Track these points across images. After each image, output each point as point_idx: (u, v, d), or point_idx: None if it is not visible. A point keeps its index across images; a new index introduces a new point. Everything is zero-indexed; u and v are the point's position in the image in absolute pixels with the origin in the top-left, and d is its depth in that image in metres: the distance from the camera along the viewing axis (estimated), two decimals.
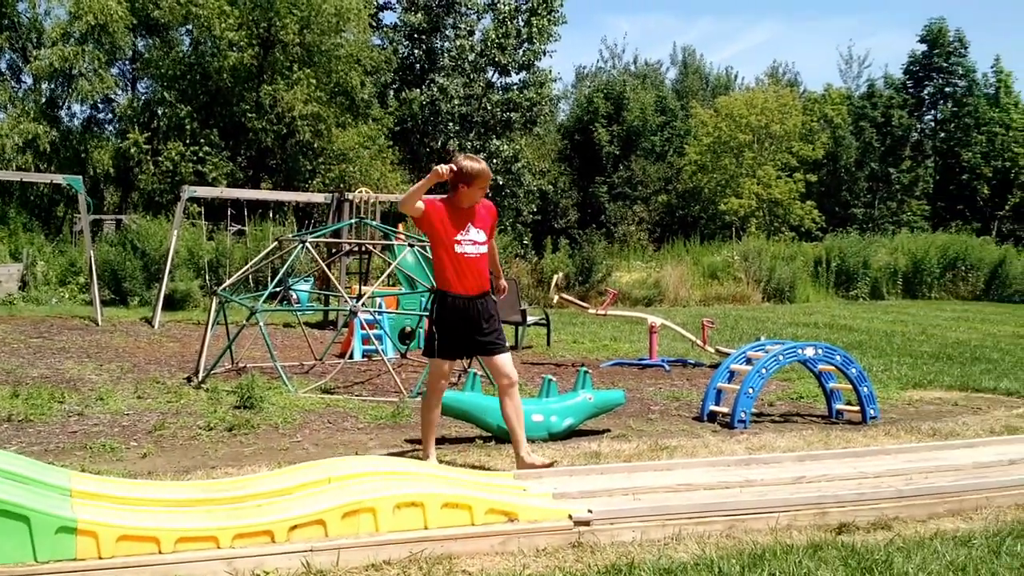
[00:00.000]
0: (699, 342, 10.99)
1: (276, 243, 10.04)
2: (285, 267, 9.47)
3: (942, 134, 36.99)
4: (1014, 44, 68.70)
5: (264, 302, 8.97)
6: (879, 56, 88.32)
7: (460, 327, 5.27)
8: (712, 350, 10.77)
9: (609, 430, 6.76)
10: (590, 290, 20.48)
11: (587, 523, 4.06)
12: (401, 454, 5.84)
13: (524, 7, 28.47)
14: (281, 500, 4.02)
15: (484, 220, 5.39)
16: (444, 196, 5.36)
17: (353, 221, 12.11)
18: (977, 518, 4.69)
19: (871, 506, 4.55)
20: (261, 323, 8.43)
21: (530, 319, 12.53)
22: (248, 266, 9.41)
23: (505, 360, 5.34)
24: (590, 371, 6.79)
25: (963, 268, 24.79)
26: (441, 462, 5.49)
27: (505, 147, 27.57)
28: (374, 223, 11.57)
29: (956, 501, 4.78)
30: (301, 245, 9.13)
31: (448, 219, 5.24)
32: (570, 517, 4.07)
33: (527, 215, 29.49)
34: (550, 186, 32.47)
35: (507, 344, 5.47)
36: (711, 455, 5.88)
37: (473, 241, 5.28)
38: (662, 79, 47.48)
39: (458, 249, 5.24)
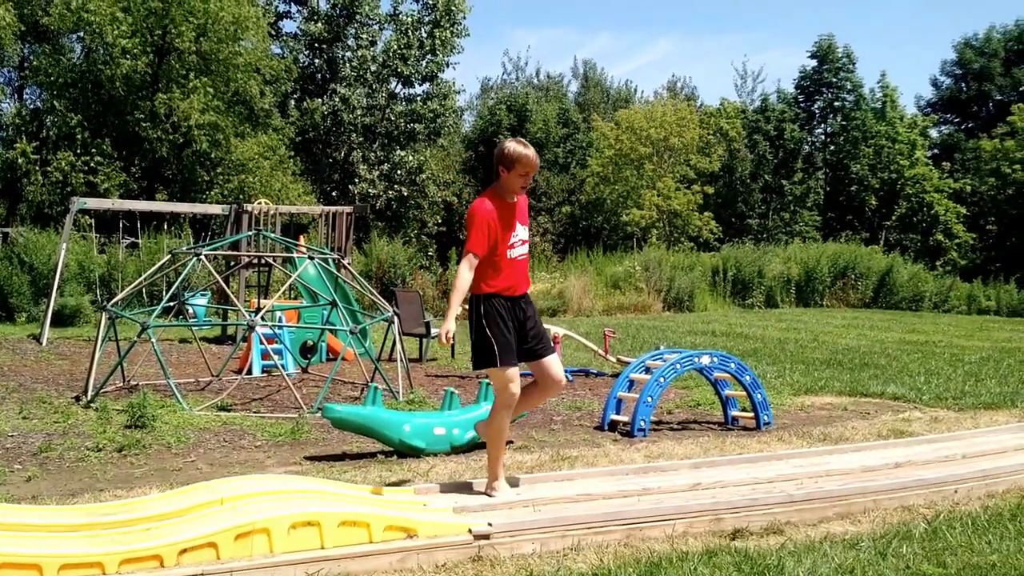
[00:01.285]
0: (601, 352, 11.11)
1: (169, 256, 9.75)
2: (179, 281, 9.20)
3: (832, 147, 38.39)
4: (899, 59, 71.95)
5: (157, 317, 8.70)
6: (773, 71, 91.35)
7: (515, 327, 4.74)
8: (614, 359, 10.91)
9: (512, 442, 6.77)
10: None
11: (487, 537, 4.05)
12: (300, 472, 5.73)
13: (427, 19, 28.46)
14: (171, 523, 3.89)
15: (525, 213, 4.86)
16: (488, 189, 4.76)
17: (250, 233, 11.86)
18: (865, 521, 4.85)
19: (764, 511, 4.67)
20: (153, 339, 8.17)
21: (434, 331, 12.47)
22: (140, 280, 9.11)
23: (556, 361, 4.94)
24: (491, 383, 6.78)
25: (853, 276, 25.75)
26: (341, 479, 5.40)
27: (409, 158, 27.46)
28: (272, 235, 11.35)
29: (845, 505, 4.95)
30: (195, 258, 8.89)
31: (499, 222, 4.63)
32: (470, 531, 4.06)
33: (432, 226, 29.42)
34: (455, 197, 32.46)
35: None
36: (611, 464, 5.95)
37: (523, 240, 4.76)
38: (564, 92, 48.04)
39: (511, 254, 4.69)
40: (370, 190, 26.43)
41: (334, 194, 26.98)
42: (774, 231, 35.63)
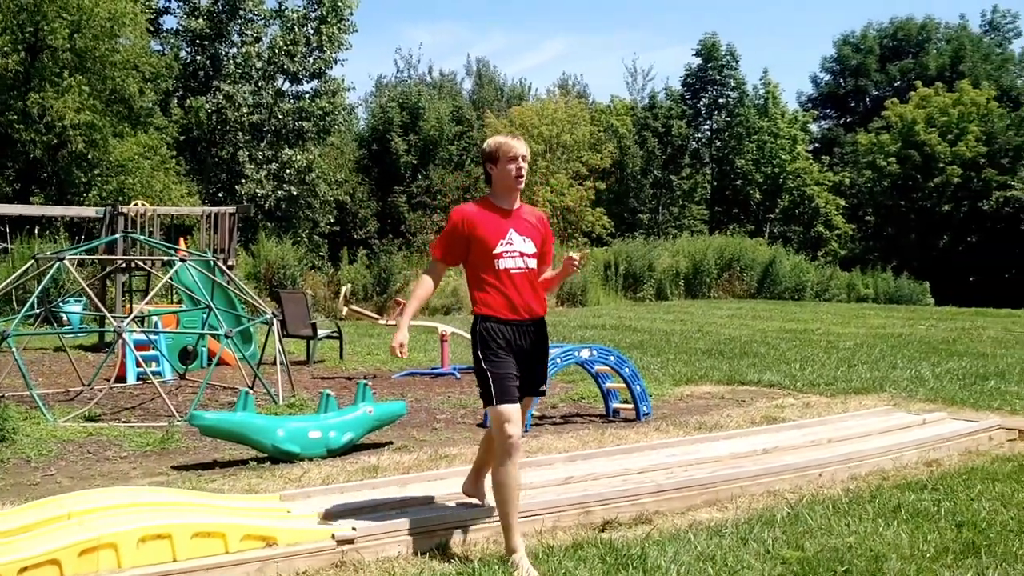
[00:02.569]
0: None
1: (32, 261, 9.31)
2: (41, 287, 8.79)
3: (718, 143, 39.39)
4: (781, 57, 74.30)
5: (19, 325, 8.29)
6: (662, 69, 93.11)
7: (516, 358, 4.08)
8: None
9: (392, 442, 6.69)
10: (387, 300, 20.34)
11: (351, 541, 3.97)
12: (166, 483, 5.52)
13: (313, 15, 27.97)
14: (13, 540, 3.68)
15: (532, 228, 4.20)
16: (481, 197, 4.29)
17: (119, 235, 11.41)
18: (732, 507, 4.95)
19: (632, 502, 4.71)
20: (13, 348, 7.78)
21: (321, 332, 12.27)
22: (1, 287, 8.67)
23: (523, 408, 4.23)
24: (370, 383, 6.69)
25: (738, 268, 26.47)
26: (208, 488, 5.23)
27: (298, 156, 26.94)
28: (142, 237, 10.96)
29: (712, 492, 5.04)
30: (58, 263, 8.50)
31: (480, 227, 4.09)
32: (333, 536, 3.97)
33: (324, 226, 28.95)
34: (347, 196, 32.03)
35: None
36: None
37: (519, 252, 4.11)
38: (458, 90, 47.97)
39: (502, 264, 4.07)
40: (258, 190, 25.84)
41: (220, 195, 26.28)
42: (664, 225, 36.36)
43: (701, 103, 39.50)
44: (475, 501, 4.54)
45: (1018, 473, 5.52)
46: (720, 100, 38.94)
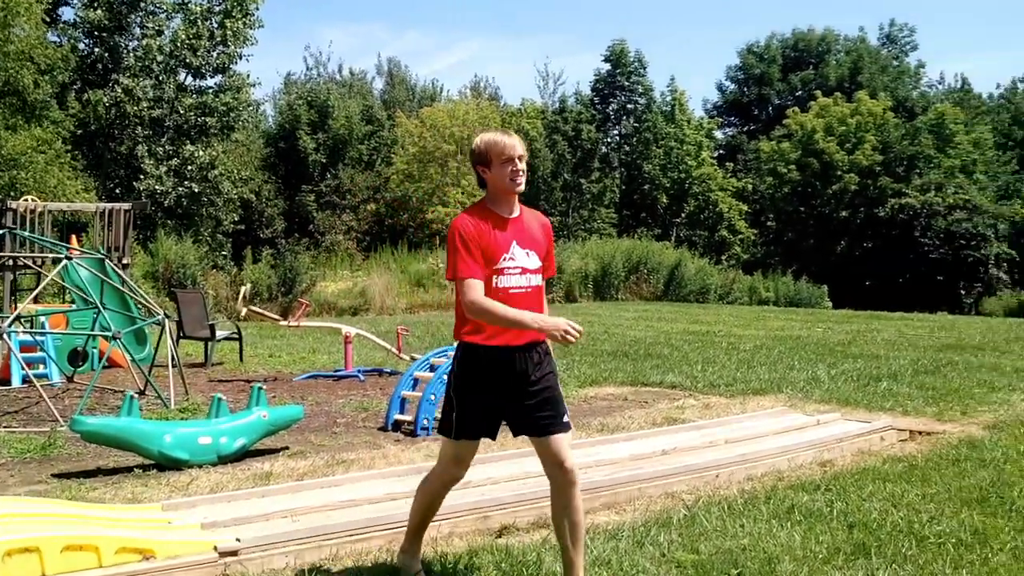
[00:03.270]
0: (394, 350, 10.95)
1: None
2: None
3: (626, 147, 39.88)
4: (686, 65, 75.77)
5: None
6: (573, 74, 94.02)
7: (494, 391, 3.59)
8: (408, 358, 10.77)
9: (288, 447, 6.49)
10: (293, 301, 19.93)
11: (234, 553, 3.80)
12: (44, 492, 5.23)
13: (218, 8, 27.26)
14: None
15: (535, 239, 3.69)
16: (472, 205, 3.73)
17: (3, 232, 10.86)
18: (630, 510, 4.94)
19: (531, 506, 4.65)
20: None
21: (220, 333, 11.91)
22: None
23: (565, 442, 3.66)
24: (265, 387, 6.47)
25: (645, 271, 26.81)
26: (88, 497, 4.97)
27: (201, 153, 26.20)
28: (26, 233, 10.46)
29: (610, 494, 5.01)
30: None
31: (482, 240, 3.54)
32: (215, 548, 3.79)
33: (228, 224, 28.24)
34: (252, 195, 31.31)
35: (569, 419, 3.75)
36: (389, 466, 5.79)
37: (522, 268, 3.60)
38: (369, 89, 47.48)
39: (501, 282, 3.55)
40: (158, 187, 25.02)
41: (118, 191, 25.37)
42: (574, 228, 36.62)
43: (610, 108, 39.92)
44: (370, 509, 4.42)
45: (908, 473, 5.65)
46: (628, 106, 39.43)
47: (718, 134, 44.38)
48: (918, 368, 10.61)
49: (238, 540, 3.85)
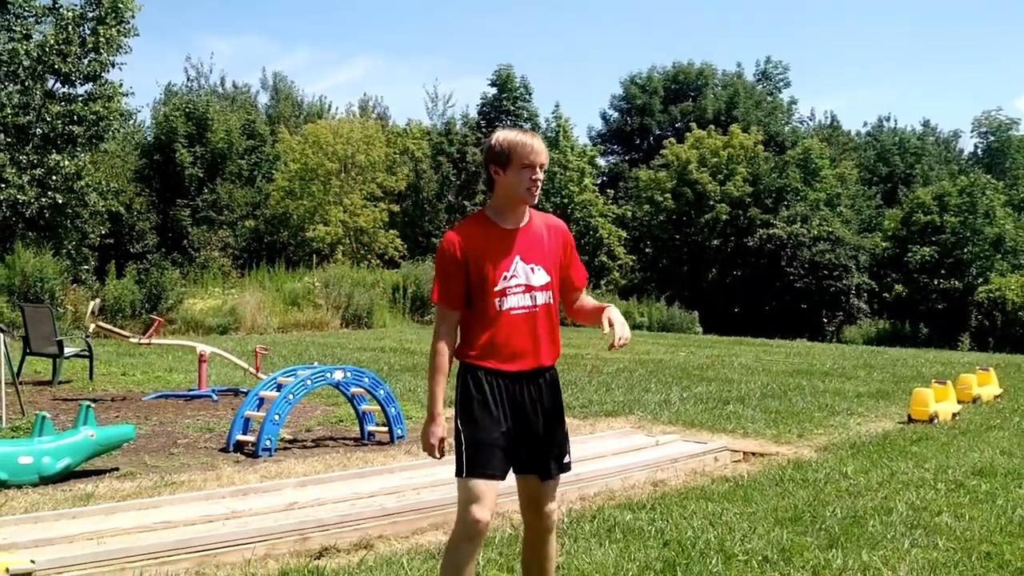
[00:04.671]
0: (252, 370, 10.73)
1: None
2: None
3: None
4: (571, 94, 77.25)
5: None
6: (462, 97, 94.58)
7: (505, 421, 3.25)
8: (265, 377, 10.55)
9: (118, 468, 6.28)
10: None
11: (28, 575, 3.65)
12: None
13: (91, 14, 26.32)
14: None
15: (544, 251, 3.35)
16: (472, 215, 3.47)
17: None
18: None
19: (355, 527, 4.62)
20: None
21: (69, 350, 11.43)
22: None
23: (555, 486, 3.42)
24: (93, 406, 6.24)
25: None
26: None
27: (67, 163, 25.15)
28: None
29: (440, 514, 5.02)
30: None
31: (479, 256, 3.25)
32: (7, 570, 3.63)
33: (95, 238, 27.18)
34: (123, 208, 30.24)
35: (570, 459, 3.52)
36: (221, 487, 5.66)
37: (526, 286, 3.27)
38: (253, 103, 46.63)
39: (504, 304, 3.24)
40: (20, 196, 23.89)
41: None
42: None
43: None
44: (183, 531, 4.31)
45: (732, 493, 5.86)
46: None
47: (601, 161, 45.29)
48: (766, 392, 11.03)
49: (32, 562, 3.70)
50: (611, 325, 3.32)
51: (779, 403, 10.12)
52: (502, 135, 3.31)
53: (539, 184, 3.28)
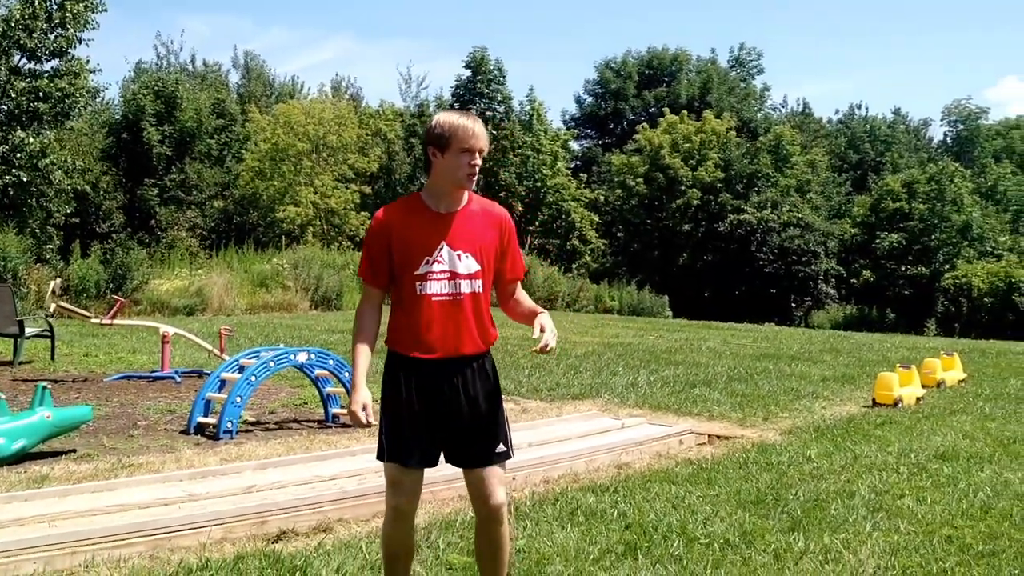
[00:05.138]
0: (216, 351, 10.60)
1: None
2: None
3: None
4: (545, 78, 77.00)
5: None
6: (436, 79, 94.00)
7: (423, 409, 3.19)
8: (228, 358, 10.43)
9: (75, 450, 6.17)
10: (125, 299, 19.04)
11: None
12: None
13: None
14: None
15: (475, 238, 3.25)
16: (408, 195, 3.38)
17: None
18: (421, 513, 4.87)
19: (313, 510, 4.56)
20: None
21: (30, 330, 11.25)
22: None
23: (495, 475, 3.26)
24: (49, 386, 6.12)
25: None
26: None
27: (31, 140, 24.72)
28: None
29: None
30: None
31: (404, 238, 3.18)
32: None
33: (59, 217, 26.78)
34: (88, 186, 29.81)
35: (510, 447, 3.37)
36: (180, 469, 5.57)
37: (451, 273, 3.17)
38: (224, 82, 46.05)
39: (424, 288, 3.15)
40: None
41: None
42: None
43: None
44: (137, 514, 4.23)
45: (695, 476, 5.86)
46: (487, 113, 39.65)
47: (574, 145, 45.22)
48: (733, 375, 11.07)
49: None
50: (542, 330, 3.30)
51: (745, 386, 10.16)
52: (443, 117, 3.22)
53: (477, 169, 3.20)
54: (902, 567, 4.20)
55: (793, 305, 33.93)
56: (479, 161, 3.21)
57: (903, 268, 33.35)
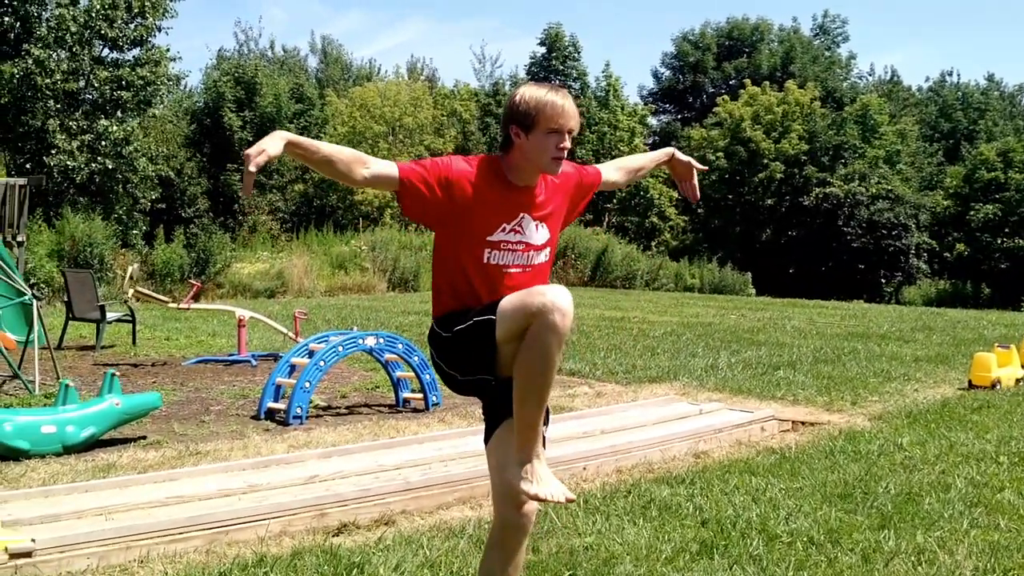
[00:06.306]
0: (291, 335, 10.61)
1: None
2: None
3: None
4: (622, 53, 75.88)
5: None
6: (511, 57, 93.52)
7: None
8: (302, 341, 10.43)
9: (145, 437, 6.16)
10: (207, 282, 19.38)
11: (28, 554, 3.50)
12: None
13: None
14: None
15: (552, 208, 2.95)
16: (491, 155, 2.95)
17: None
18: (487, 504, 4.70)
19: (376, 502, 4.42)
20: None
21: (111, 315, 11.44)
22: None
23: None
24: (118, 373, 6.11)
25: (573, 256, 26.70)
26: None
27: (115, 128, 25.31)
28: None
29: (467, 488, 4.80)
30: None
31: (480, 198, 2.80)
32: (6, 549, 3.48)
33: (145, 203, 27.42)
34: (173, 172, 30.45)
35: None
36: (246, 458, 5.50)
37: (527, 244, 2.87)
38: (302, 67, 46.58)
39: (492, 257, 2.83)
40: (69, 162, 24.12)
41: (28, 166, 24.43)
42: None
43: None
44: (196, 507, 4.14)
45: (777, 466, 5.54)
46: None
47: (652, 121, 44.48)
48: (819, 356, 10.62)
49: (33, 541, 3.55)
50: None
51: (832, 368, 9.72)
52: (528, 91, 2.82)
53: (566, 152, 2.82)
54: (1003, 569, 3.86)
55: (883, 281, 32.77)
56: (568, 143, 2.82)
57: (999, 241, 31.89)
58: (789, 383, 8.68)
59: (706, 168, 3.20)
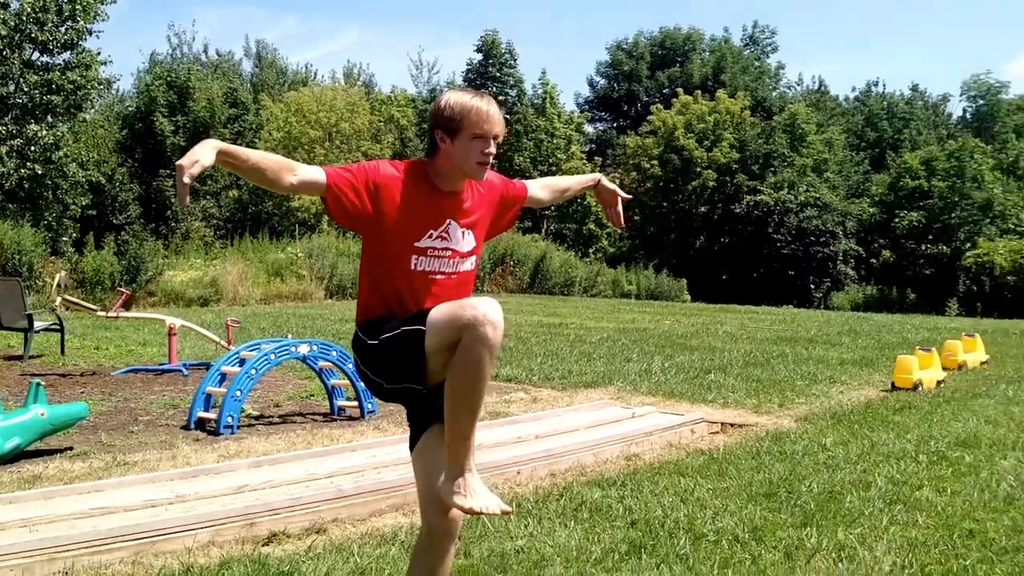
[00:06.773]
0: (223, 343, 10.48)
1: None
2: None
3: None
4: (558, 60, 76.47)
5: None
6: (448, 64, 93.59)
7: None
8: (234, 350, 10.31)
9: (72, 448, 6.04)
10: (138, 290, 19.00)
11: None
12: None
13: None
14: None
15: (478, 215, 2.95)
16: (418, 160, 2.93)
17: None
18: (418, 511, 4.74)
19: (307, 510, 4.41)
20: None
21: (39, 324, 11.16)
22: None
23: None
24: (44, 383, 5.99)
25: (511, 263, 26.81)
26: None
27: (45, 133, 24.72)
28: None
29: (401, 495, 4.80)
30: None
31: (407, 202, 2.78)
32: None
33: (76, 209, 26.81)
34: (104, 178, 29.83)
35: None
36: (176, 468, 5.43)
37: (452, 251, 2.86)
38: (236, 71, 45.97)
39: (418, 264, 2.82)
40: None
41: None
42: None
43: None
44: (121, 518, 4.09)
45: (706, 467, 5.67)
46: (500, 97, 39.41)
47: (588, 128, 44.92)
48: (749, 360, 10.85)
49: None
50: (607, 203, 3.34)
51: (761, 371, 9.95)
52: (453, 97, 2.83)
53: (491, 158, 2.82)
54: (920, 564, 4.00)
55: (812, 287, 33.56)
56: (494, 149, 2.82)
57: (923, 247, 32.89)
58: (720, 386, 8.86)
59: (631, 197, 3.27)
